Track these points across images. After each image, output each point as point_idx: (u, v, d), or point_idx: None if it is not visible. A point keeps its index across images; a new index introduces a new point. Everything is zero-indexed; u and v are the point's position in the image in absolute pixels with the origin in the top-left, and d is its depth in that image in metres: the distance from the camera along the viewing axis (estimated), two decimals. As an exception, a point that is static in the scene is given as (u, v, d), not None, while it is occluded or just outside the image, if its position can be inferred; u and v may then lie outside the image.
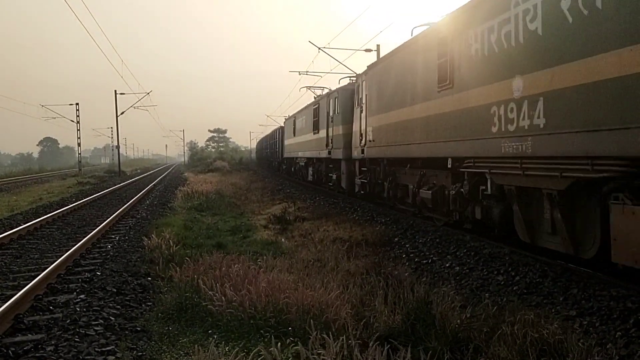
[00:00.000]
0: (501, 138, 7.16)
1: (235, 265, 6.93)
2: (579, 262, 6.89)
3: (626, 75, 4.97)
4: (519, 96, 6.74)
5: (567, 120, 5.82)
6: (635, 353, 4.36)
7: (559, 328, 4.66)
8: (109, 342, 4.90)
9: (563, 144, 5.88)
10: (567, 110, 5.83)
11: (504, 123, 7.08)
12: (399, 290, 5.88)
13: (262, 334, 4.96)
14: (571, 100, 5.75)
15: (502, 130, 7.13)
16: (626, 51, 4.95)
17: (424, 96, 10.14)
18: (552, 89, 6.06)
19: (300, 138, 27.22)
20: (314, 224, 12.55)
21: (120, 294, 6.57)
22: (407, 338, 4.79)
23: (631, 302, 5.33)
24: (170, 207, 17.08)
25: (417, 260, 8.56)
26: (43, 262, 8.65)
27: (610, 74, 5.15)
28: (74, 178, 39.75)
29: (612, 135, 5.17)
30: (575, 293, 5.92)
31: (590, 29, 5.45)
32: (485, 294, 6.51)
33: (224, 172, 41.68)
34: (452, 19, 9.00)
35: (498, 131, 7.24)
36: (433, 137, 9.69)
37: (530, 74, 6.53)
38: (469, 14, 8.37)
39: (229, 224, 13.09)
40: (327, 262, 7.91)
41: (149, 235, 10.18)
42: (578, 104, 5.65)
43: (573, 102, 5.72)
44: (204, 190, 21.59)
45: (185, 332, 5.28)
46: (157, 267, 7.87)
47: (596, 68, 5.35)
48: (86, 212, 16.36)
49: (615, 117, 5.12)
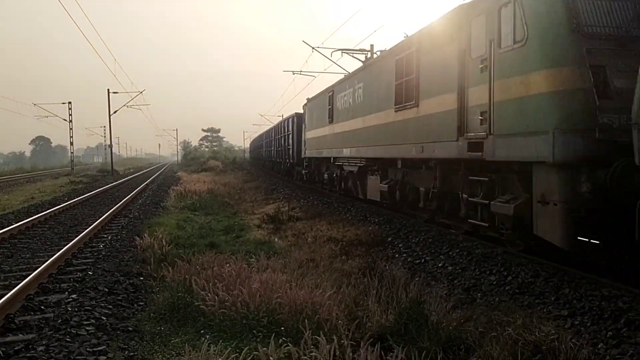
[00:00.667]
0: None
1: (228, 265, 6.92)
2: (570, 262, 6.94)
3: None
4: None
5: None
6: (626, 353, 4.39)
7: (552, 328, 4.68)
8: (100, 342, 4.87)
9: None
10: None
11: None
12: (392, 290, 5.89)
13: (254, 334, 4.95)
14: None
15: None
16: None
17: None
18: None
19: (352, 124, 15.27)
20: (307, 223, 12.55)
21: (112, 294, 6.54)
22: (400, 338, 4.80)
23: (622, 302, 5.36)
24: (163, 207, 17.03)
25: (410, 260, 8.58)
26: (35, 262, 8.60)
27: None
28: (67, 177, 39.54)
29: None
30: (566, 293, 5.95)
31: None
32: (478, 294, 6.54)
33: (217, 172, 41.65)
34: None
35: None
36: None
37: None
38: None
39: (222, 224, 13.07)
40: (320, 262, 7.91)
41: (142, 235, 10.14)
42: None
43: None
44: (197, 190, 21.52)
45: (177, 332, 5.26)
46: (149, 267, 7.85)
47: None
48: (78, 211, 16.27)
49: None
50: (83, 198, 19.91)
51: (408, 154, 10.86)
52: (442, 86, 9.12)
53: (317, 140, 20.43)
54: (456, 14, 8.71)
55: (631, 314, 5.06)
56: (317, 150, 20.58)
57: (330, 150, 17.94)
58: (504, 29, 7.29)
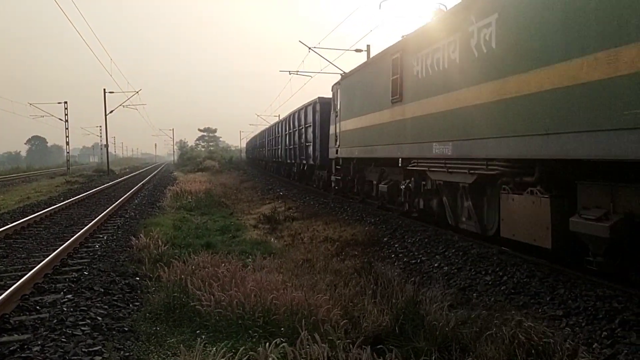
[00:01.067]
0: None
1: (224, 265, 6.92)
2: (562, 261, 6.95)
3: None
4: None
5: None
6: (621, 352, 4.41)
7: (548, 328, 4.70)
8: (96, 342, 4.86)
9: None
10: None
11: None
12: (388, 290, 5.89)
13: (250, 334, 4.95)
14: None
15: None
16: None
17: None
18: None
19: (463, 97, 8.24)
20: (304, 223, 12.55)
21: (108, 294, 6.53)
22: (396, 338, 4.81)
23: (617, 302, 5.39)
24: (159, 207, 17.00)
25: (406, 260, 8.59)
26: (30, 262, 8.58)
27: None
28: (62, 177, 39.42)
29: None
30: (562, 293, 5.97)
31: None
32: (473, 294, 6.56)
33: (213, 172, 41.58)
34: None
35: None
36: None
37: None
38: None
39: (219, 224, 13.06)
40: (316, 262, 7.91)
41: (138, 235, 10.12)
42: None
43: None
44: (193, 190, 21.49)
45: (173, 332, 5.25)
46: (145, 267, 7.83)
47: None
48: (74, 211, 16.23)
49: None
50: (79, 198, 19.86)
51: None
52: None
53: (363, 132, 13.70)
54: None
55: (626, 314, 5.08)
56: (363, 148, 13.91)
57: (396, 147, 11.29)
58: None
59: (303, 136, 23.32)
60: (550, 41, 6.06)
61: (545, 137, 6.10)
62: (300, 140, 23.92)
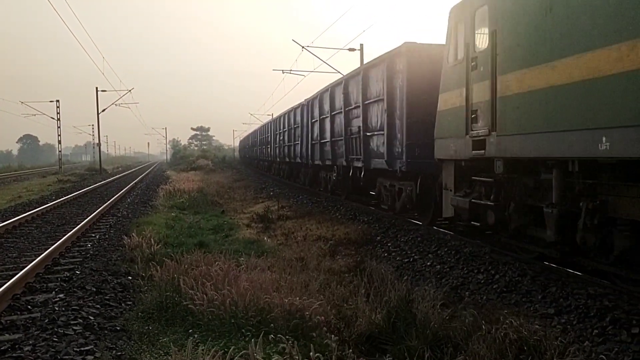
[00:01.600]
0: None
1: (217, 264, 6.90)
2: (556, 260, 6.99)
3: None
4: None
5: None
6: (612, 350, 4.44)
7: (539, 326, 4.72)
8: (87, 341, 4.85)
9: None
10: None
11: None
12: (380, 289, 5.91)
13: (243, 333, 4.94)
14: None
15: None
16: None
17: None
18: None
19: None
20: (297, 222, 12.55)
21: (100, 293, 6.50)
22: (389, 336, 4.82)
23: (608, 300, 5.42)
24: (151, 206, 16.95)
25: (398, 259, 8.61)
26: (22, 261, 8.53)
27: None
28: (54, 176, 39.21)
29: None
30: (553, 291, 6.00)
31: None
32: (466, 293, 6.58)
33: (206, 171, 41.44)
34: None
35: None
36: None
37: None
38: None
39: (212, 223, 13.03)
40: (309, 261, 7.92)
41: (130, 234, 10.08)
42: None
43: None
44: (186, 189, 21.44)
45: (165, 332, 5.23)
46: (137, 266, 7.80)
47: None
48: (66, 210, 16.15)
49: None
50: (71, 197, 19.76)
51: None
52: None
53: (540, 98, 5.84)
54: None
55: (617, 312, 5.11)
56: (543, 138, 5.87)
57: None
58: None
59: (361, 120, 13.29)
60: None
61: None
62: (350, 128, 14.48)
